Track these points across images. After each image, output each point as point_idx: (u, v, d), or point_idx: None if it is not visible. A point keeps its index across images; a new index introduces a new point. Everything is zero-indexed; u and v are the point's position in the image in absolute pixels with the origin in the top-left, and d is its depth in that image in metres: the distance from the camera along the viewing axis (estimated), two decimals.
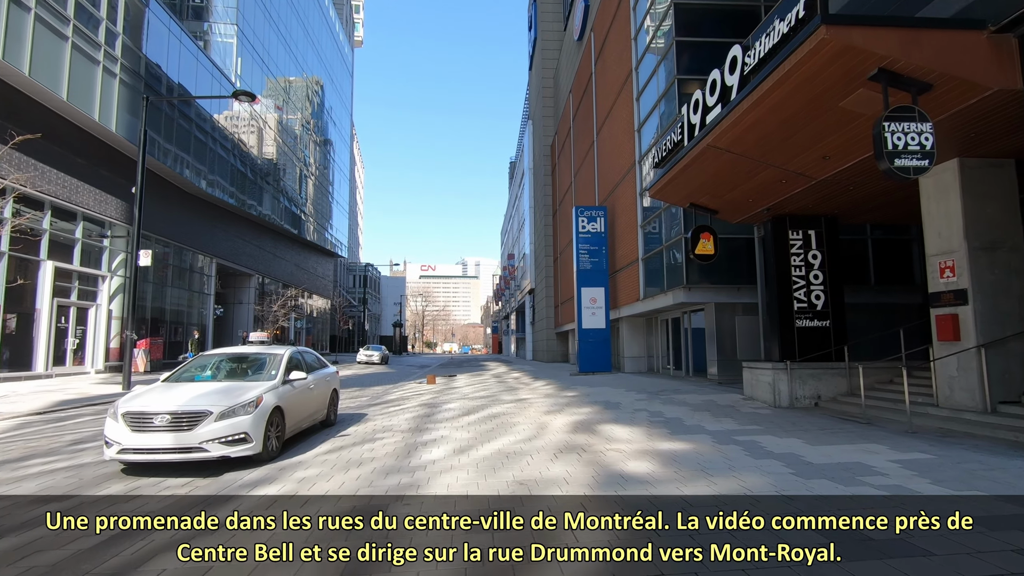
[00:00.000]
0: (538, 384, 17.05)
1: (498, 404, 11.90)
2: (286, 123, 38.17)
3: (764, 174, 9.46)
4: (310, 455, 6.91)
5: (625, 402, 11.58)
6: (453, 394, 14.38)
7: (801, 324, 11.11)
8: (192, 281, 27.44)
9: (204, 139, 26.09)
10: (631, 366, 21.31)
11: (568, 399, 12.47)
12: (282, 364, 7.57)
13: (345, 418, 10.19)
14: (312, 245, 45.66)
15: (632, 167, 19.57)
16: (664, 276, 16.63)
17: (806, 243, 11.34)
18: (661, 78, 17.06)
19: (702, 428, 8.37)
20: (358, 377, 22.92)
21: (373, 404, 12.65)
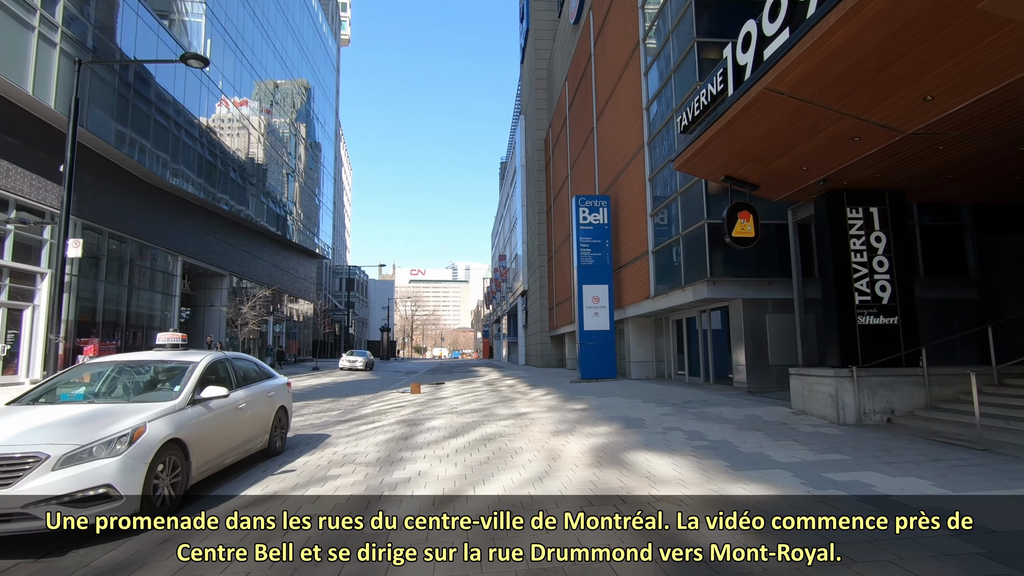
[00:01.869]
0: (537, 393, 14.91)
1: (493, 421, 9.74)
2: (262, 111, 35.82)
3: (833, 128, 7.43)
4: (224, 508, 4.74)
5: (649, 418, 9.46)
6: (439, 407, 12.20)
7: (864, 321, 9.07)
8: (154, 280, 25.01)
9: (166, 124, 23.72)
10: (638, 372, 19.23)
11: (577, 414, 10.34)
12: (191, 379, 5.36)
13: (299, 442, 7.99)
14: (293, 245, 43.23)
15: (640, 149, 17.55)
16: (681, 270, 14.57)
17: (867, 223, 9.32)
18: (675, 46, 15.06)
19: (769, 459, 6.27)
20: (335, 386, 20.65)
21: (342, 420, 10.45)
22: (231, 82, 30.53)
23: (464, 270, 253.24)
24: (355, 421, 10.31)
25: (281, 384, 7.51)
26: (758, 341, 13.06)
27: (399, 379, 25.67)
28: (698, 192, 13.53)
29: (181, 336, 6.28)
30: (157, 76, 23.15)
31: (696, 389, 14.23)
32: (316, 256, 51.18)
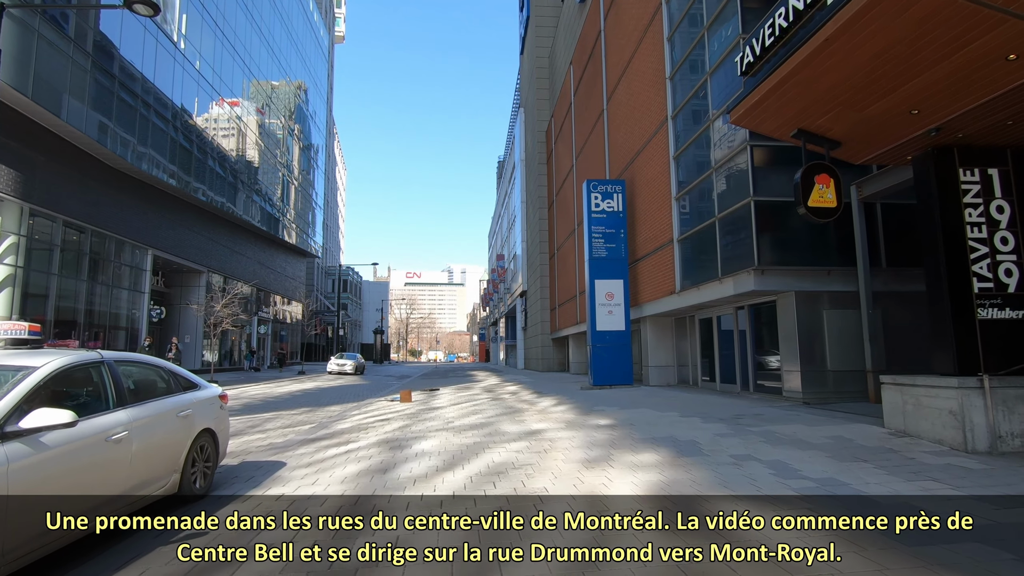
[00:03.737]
0: (547, 403, 12.76)
1: (500, 443, 7.58)
2: (246, 96, 33.60)
3: (982, 44, 5.33)
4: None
5: (703, 440, 7.31)
6: (432, 420, 10.03)
7: (985, 315, 6.97)
8: (120, 275, 22.72)
9: (133, 103, 21.47)
10: (657, 377, 17.10)
11: (606, 432, 8.19)
12: (6, 398, 3.19)
13: (240, 475, 5.82)
14: (280, 242, 40.95)
15: (662, 124, 15.46)
16: (717, 259, 12.46)
17: (986, 188, 7.24)
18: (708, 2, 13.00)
19: (928, 514, 4.12)
20: (318, 392, 18.43)
21: (310, 440, 8.25)
22: (210, 63, 28.32)
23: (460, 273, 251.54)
24: (326, 441, 8.12)
25: (207, 398, 5.32)
26: (814, 342, 10.96)
27: (390, 384, 23.49)
28: (742, 165, 11.43)
29: (29, 327, 4.12)
30: (122, 48, 20.92)
31: (735, 399, 12.11)
32: (306, 255, 48.93)
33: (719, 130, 12.31)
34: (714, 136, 12.58)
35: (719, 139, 12.33)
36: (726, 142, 12.00)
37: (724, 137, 12.06)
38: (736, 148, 11.51)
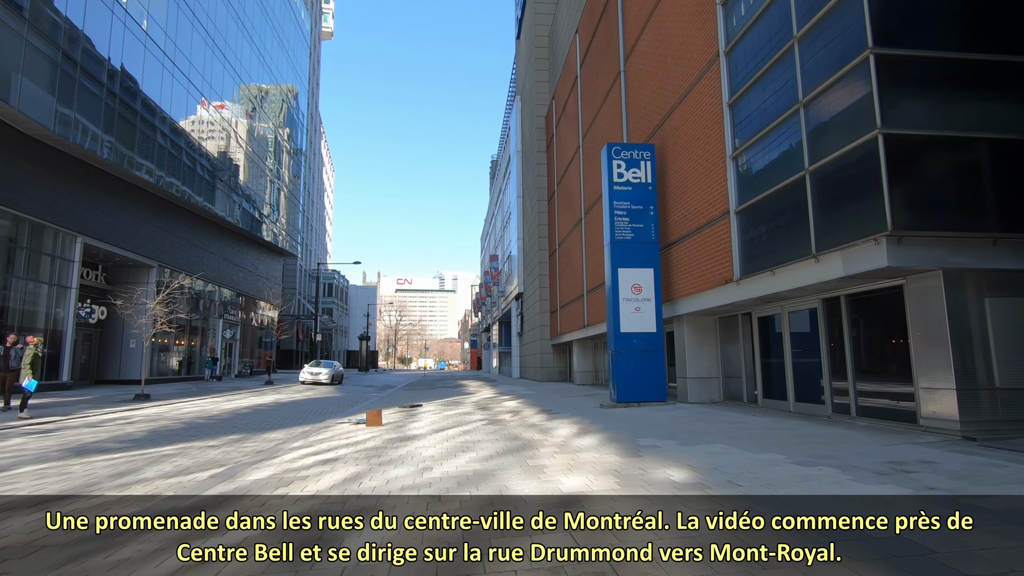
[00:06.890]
0: (566, 432, 9.12)
1: (513, 536, 3.87)
2: (211, 67, 29.85)
3: None
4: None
5: (909, 531, 3.71)
6: (399, 467, 6.30)
7: None
8: (38, 266, 18.87)
9: (52, 54, 17.69)
10: (697, 392, 13.49)
11: (701, 504, 4.55)
12: None
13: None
14: (252, 238, 37.09)
15: (712, 63, 11.98)
16: (810, 228, 8.83)
17: None
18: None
19: None
20: (270, 410, 14.67)
21: (176, 511, 4.48)
22: (161, 26, 24.58)
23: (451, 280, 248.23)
24: (192, 516, 4.38)
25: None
26: (972, 346, 7.40)
27: (367, 397, 19.81)
28: (860, 85, 7.84)
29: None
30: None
31: (838, 428, 8.51)
32: (283, 253, 45.06)
33: (813, 44, 8.78)
34: (802, 57, 9.07)
35: (813, 59, 8.81)
36: (827, 60, 8.48)
37: (823, 52, 8.53)
38: (848, 65, 7.96)
